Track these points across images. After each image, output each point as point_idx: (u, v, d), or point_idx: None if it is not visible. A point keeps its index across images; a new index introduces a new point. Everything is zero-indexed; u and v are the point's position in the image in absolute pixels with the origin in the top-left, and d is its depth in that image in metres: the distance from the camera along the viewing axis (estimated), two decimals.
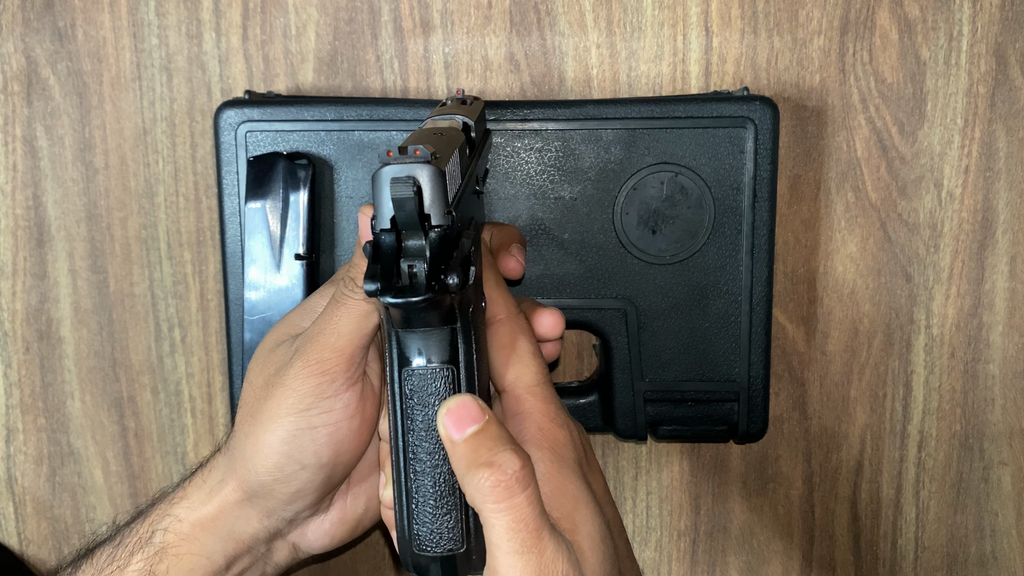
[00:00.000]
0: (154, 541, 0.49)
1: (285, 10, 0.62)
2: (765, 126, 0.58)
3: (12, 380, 0.65)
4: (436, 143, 0.42)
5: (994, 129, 0.63)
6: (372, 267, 0.39)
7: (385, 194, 0.38)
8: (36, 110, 0.63)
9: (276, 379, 0.47)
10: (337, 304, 0.47)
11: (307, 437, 0.47)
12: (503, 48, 0.62)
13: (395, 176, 0.38)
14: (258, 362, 0.49)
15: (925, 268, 0.64)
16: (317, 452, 0.47)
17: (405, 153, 0.39)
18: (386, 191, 0.38)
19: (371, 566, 0.68)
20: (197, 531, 0.49)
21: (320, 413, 0.47)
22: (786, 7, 0.61)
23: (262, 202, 0.57)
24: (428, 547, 0.43)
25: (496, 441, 0.41)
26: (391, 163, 0.39)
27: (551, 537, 0.41)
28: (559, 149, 0.58)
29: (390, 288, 0.38)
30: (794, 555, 0.67)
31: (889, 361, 0.65)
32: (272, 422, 0.47)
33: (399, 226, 0.39)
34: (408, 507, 0.43)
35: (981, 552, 0.67)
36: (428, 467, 0.42)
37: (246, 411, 0.48)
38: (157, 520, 0.49)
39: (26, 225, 0.64)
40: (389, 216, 0.39)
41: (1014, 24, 0.62)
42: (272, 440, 0.47)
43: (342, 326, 0.46)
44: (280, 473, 0.47)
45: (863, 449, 0.66)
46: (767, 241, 0.59)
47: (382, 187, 0.39)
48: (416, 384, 0.42)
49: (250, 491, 0.48)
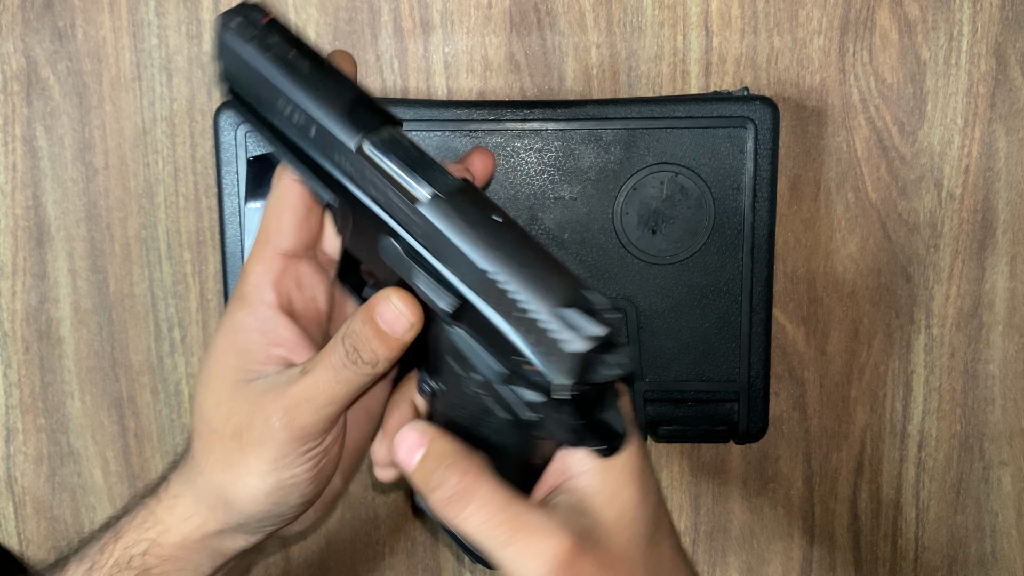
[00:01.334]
0: (133, 564, 0.47)
1: (285, 10, 0.62)
2: (765, 126, 0.58)
3: (12, 380, 0.65)
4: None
5: (994, 129, 0.63)
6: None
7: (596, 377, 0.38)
8: (36, 110, 0.63)
9: (253, 436, 0.45)
10: (337, 375, 0.44)
11: (290, 485, 0.45)
12: (503, 48, 0.62)
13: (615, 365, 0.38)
14: (218, 409, 0.46)
15: (925, 268, 0.64)
16: (303, 493, 0.46)
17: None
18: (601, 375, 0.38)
19: (371, 566, 0.68)
20: (179, 552, 0.47)
21: (303, 464, 0.45)
22: (786, 7, 0.61)
23: (262, 202, 0.57)
24: None
25: (438, 461, 0.41)
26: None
27: (531, 512, 0.40)
28: (559, 149, 0.58)
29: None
30: (794, 555, 0.67)
31: (889, 361, 0.65)
32: (253, 477, 0.45)
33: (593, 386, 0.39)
34: None
35: (981, 552, 0.67)
36: None
37: (215, 458, 0.46)
38: (132, 545, 0.47)
39: (26, 225, 0.64)
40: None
41: (1014, 24, 0.62)
42: (255, 493, 0.45)
43: (338, 396, 0.44)
44: (266, 515, 0.46)
45: (863, 449, 0.66)
46: (767, 241, 0.59)
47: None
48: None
49: (232, 524, 0.47)
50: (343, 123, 0.41)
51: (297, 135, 0.42)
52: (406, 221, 0.41)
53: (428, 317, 0.42)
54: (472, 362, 0.41)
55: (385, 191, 0.41)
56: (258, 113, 0.43)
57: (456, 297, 0.40)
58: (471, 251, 0.39)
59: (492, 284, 0.39)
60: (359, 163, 0.41)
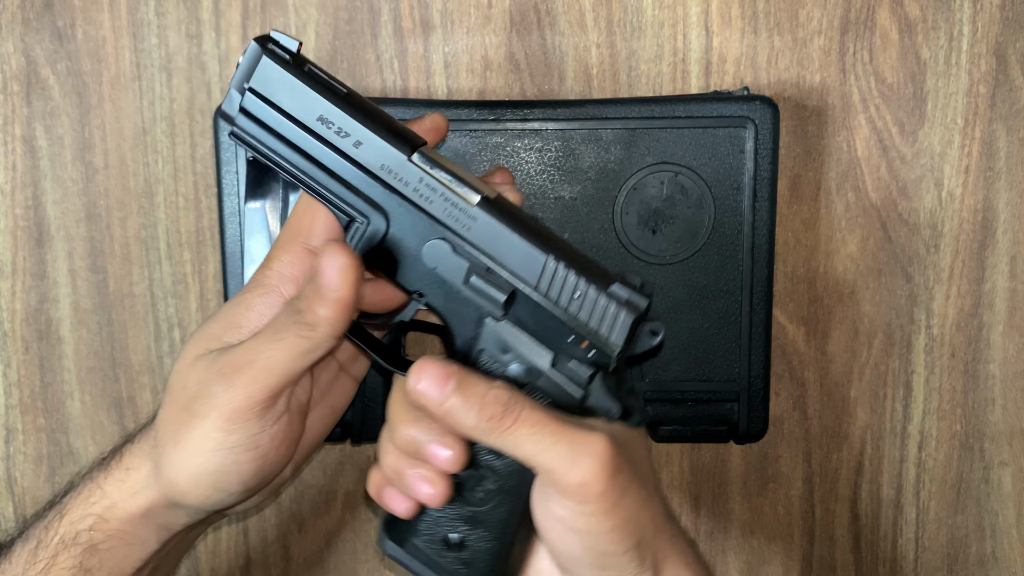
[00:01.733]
0: (80, 540, 0.47)
1: (285, 10, 0.62)
2: (765, 126, 0.58)
3: (12, 380, 0.65)
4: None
5: (994, 129, 0.63)
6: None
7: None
8: (36, 110, 0.63)
9: (199, 407, 0.45)
10: (277, 336, 0.45)
11: (232, 471, 0.46)
12: (503, 48, 0.62)
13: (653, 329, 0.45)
14: (179, 375, 0.47)
15: (925, 268, 0.64)
16: (244, 481, 0.46)
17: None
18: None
19: (371, 566, 0.68)
20: (126, 526, 0.47)
21: (248, 449, 0.45)
22: (786, 7, 0.61)
23: (262, 202, 0.57)
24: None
25: (473, 385, 0.43)
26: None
27: (577, 423, 0.43)
28: (559, 149, 0.58)
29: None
30: (794, 555, 0.67)
31: (889, 361, 0.65)
32: (197, 456, 0.45)
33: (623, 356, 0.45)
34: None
35: (981, 552, 0.67)
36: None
37: (169, 431, 0.47)
38: (78, 520, 0.47)
39: (26, 225, 0.64)
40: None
41: (1014, 24, 0.61)
42: (197, 472, 0.45)
43: (277, 362, 0.45)
44: (206, 499, 0.46)
45: (863, 449, 0.66)
46: (767, 241, 0.59)
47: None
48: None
49: (176, 503, 0.47)
50: (392, 138, 0.45)
51: (341, 148, 0.45)
52: (462, 221, 0.45)
53: (455, 325, 0.46)
54: (519, 351, 0.45)
55: (438, 195, 0.45)
56: (279, 134, 0.46)
57: (506, 288, 0.45)
58: (526, 242, 0.45)
59: (549, 271, 0.44)
60: (410, 172, 0.45)
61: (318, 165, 0.46)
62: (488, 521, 0.47)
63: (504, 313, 0.45)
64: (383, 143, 0.45)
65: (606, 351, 0.45)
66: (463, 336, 0.46)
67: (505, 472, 0.46)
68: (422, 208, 0.45)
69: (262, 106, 0.45)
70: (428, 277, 0.46)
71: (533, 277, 0.45)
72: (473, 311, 0.46)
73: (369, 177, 0.45)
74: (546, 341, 0.45)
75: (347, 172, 0.46)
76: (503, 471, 0.46)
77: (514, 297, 0.45)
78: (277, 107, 0.45)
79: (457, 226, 0.45)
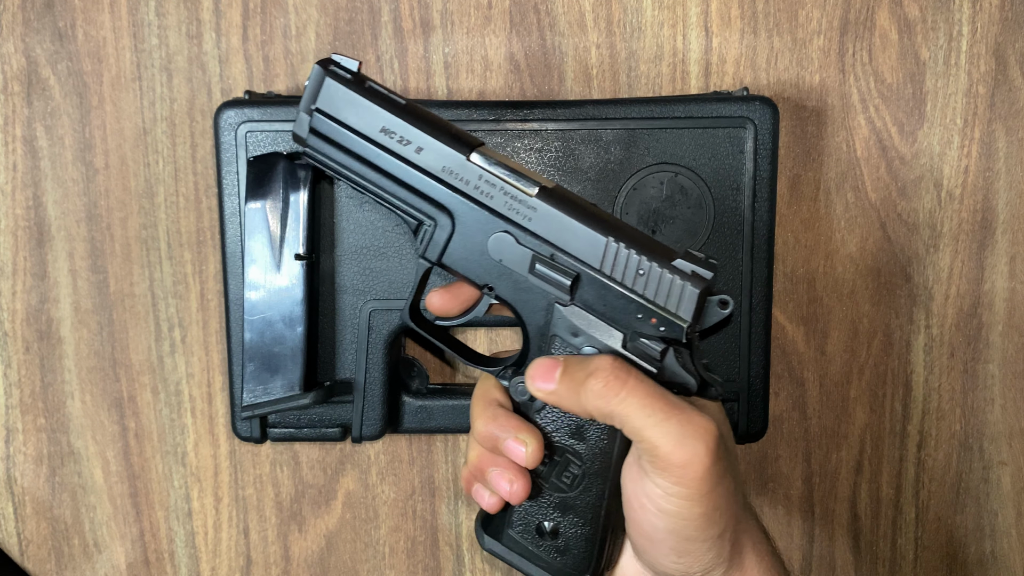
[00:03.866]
0: None
1: (285, 10, 0.62)
2: (765, 126, 0.58)
3: (12, 380, 0.65)
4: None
5: (994, 129, 0.63)
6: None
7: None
8: (36, 110, 0.63)
9: None
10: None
11: None
12: (503, 48, 0.62)
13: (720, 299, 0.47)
14: None
15: (925, 268, 0.64)
16: None
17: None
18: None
19: (371, 566, 0.68)
20: None
21: None
22: (786, 7, 0.61)
23: (262, 202, 0.57)
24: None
25: (581, 363, 0.45)
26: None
27: (683, 401, 0.45)
28: (559, 149, 0.58)
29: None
30: (794, 555, 0.68)
31: (889, 361, 0.65)
32: None
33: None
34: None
35: (981, 552, 0.67)
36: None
37: None
38: None
39: (26, 225, 0.64)
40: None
41: (1014, 24, 0.62)
42: None
43: None
44: None
45: (863, 449, 0.66)
46: (767, 241, 0.59)
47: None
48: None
49: None
50: (451, 141, 0.48)
51: (404, 156, 0.48)
52: (523, 212, 0.47)
53: (526, 314, 0.48)
54: (590, 333, 0.47)
55: (498, 190, 0.47)
56: (347, 149, 0.49)
57: (571, 272, 0.47)
58: (586, 227, 0.46)
59: (612, 252, 0.46)
60: (470, 171, 0.48)
61: (385, 174, 0.49)
62: (578, 506, 0.49)
63: (571, 297, 0.47)
64: (443, 146, 0.48)
65: (676, 325, 0.46)
66: (534, 324, 0.48)
67: (589, 456, 0.48)
68: (484, 204, 0.48)
69: (330, 124, 0.48)
70: (496, 270, 0.48)
71: (596, 259, 0.46)
72: (541, 298, 0.48)
73: (432, 180, 0.48)
74: (615, 321, 0.47)
75: (412, 177, 0.48)
76: (587, 455, 0.48)
77: (579, 281, 0.47)
78: (343, 123, 0.48)
79: (518, 218, 0.47)
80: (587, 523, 0.49)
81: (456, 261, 0.49)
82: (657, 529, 0.45)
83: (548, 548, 0.50)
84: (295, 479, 0.66)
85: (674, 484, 0.44)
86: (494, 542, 0.51)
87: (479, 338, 0.65)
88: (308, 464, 0.66)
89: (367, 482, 0.67)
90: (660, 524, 0.45)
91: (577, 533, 0.49)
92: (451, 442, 0.66)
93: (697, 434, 0.43)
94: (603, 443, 0.48)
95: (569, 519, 0.49)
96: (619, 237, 0.46)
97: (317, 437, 0.61)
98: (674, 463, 0.43)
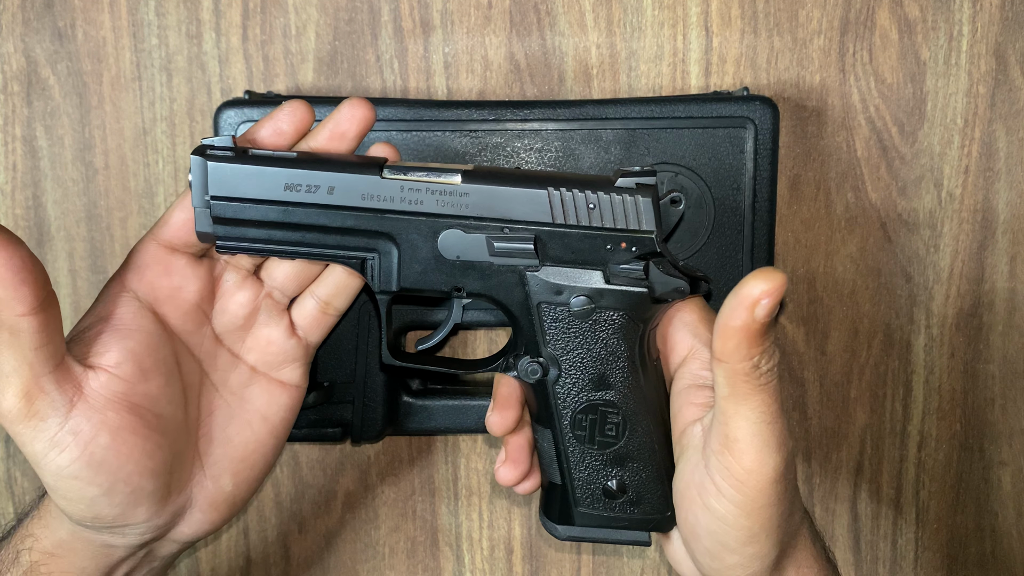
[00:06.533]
0: (20, 560, 0.46)
1: (285, 10, 0.62)
2: (765, 126, 0.58)
3: None
4: None
5: (994, 129, 0.63)
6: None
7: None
8: (36, 110, 0.63)
9: None
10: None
11: (96, 461, 0.44)
12: (503, 48, 0.62)
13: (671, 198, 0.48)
14: None
15: (925, 268, 0.64)
16: (126, 479, 0.44)
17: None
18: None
19: (371, 566, 0.68)
20: (60, 550, 0.46)
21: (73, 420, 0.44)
22: (786, 7, 0.61)
23: None
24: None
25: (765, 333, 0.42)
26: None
27: (785, 420, 0.44)
28: (559, 149, 0.58)
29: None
30: None
31: (889, 361, 0.65)
32: (52, 450, 0.44)
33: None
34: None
35: (981, 552, 0.67)
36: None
37: None
38: (20, 540, 0.47)
39: (26, 225, 0.64)
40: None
41: (1014, 24, 0.62)
42: (61, 472, 0.44)
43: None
44: (87, 512, 0.44)
45: (863, 449, 0.66)
46: (767, 241, 0.59)
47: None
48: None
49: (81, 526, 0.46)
50: (358, 169, 0.47)
51: (318, 202, 0.46)
52: (457, 203, 0.47)
53: (503, 297, 0.48)
54: (571, 285, 0.47)
55: (427, 192, 0.47)
56: (259, 222, 0.47)
57: (528, 236, 0.47)
58: (521, 188, 0.46)
59: (556, 200, 0.46)
60: (390, 187, 0.46)
61: (308, 228, 0.47)
62: (632, 452, 0.48)
63: (539, 259, 0.47)
64: (352, 176, 0.46)
65: (644, 239, 0.46)
66: (515, 301, 0.48)
67: (622, 399, 0.48)
68: (418, 212, 0.47)
69: (232, 205, 0.47)
70: (457, 269, 0.48)
71: (545, 214, 0.46)
72: (511, 274, 0.47)
73: (357, 212, 0.47)
74: (588, 263, 0.47)
75: (335, 219, 0.47)
76: (620, 399, 0.48)
77: (539, 241, 0.47)
78: (245, 199, 0.46)
79: (456, 210, 0.47)
80: (648, 464, 0.48)
81: (414, 280, 0.48)
82: (698, 523, 0.45)
83: (623, 505, 0.49)
84: (295, 479, 0.66)
85: (733, 484, 0.43)
86: (568, 528, 0.50)
87: (479, 339, 0.65)
88: (308, 465, 0.66)
89: (367, 482, 0.67)
90: (703, 520, 0.44)
91: (643, 478, 0.49)
92: (451, 442, 0.66)
93: (780, 448, 0.42)
94: (629, 380, 0.48)
95: (630, 468, 0.49)
96: (556, 185, 0.46)
97: (317, 438, 0.61)
98: (743, 463, 0.42)
